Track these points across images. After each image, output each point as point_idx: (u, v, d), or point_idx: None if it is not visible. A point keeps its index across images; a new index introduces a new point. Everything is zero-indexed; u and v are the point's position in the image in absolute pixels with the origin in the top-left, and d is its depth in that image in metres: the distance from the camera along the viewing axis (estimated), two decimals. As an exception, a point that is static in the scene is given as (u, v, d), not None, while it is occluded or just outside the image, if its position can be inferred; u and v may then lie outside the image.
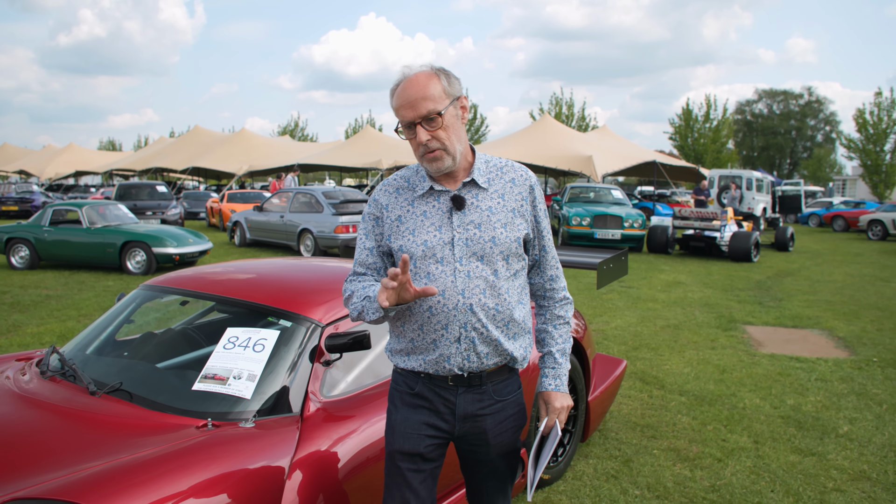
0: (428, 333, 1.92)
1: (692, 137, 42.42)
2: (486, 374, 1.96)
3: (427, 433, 1.96)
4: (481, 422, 1.97)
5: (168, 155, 36.74)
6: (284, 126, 56.24)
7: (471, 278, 1.88)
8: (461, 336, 1.89)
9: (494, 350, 1.93)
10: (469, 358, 1.91)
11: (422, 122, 1.84)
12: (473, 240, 1.89)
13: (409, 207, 1.96)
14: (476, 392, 1.96)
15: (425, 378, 1.97)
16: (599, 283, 3.90)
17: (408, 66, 1.88)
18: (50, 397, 2.52)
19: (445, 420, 1.97)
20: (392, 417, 2.02)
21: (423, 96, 1.82)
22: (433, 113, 1.82)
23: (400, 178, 2.03)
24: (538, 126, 28.33)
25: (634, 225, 15.24)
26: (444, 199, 1.93)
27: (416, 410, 1.98)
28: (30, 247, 11.46)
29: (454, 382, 1.95)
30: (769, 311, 8.68)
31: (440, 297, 1.88)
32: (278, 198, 15.32)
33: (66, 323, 7.37)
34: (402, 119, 1.86)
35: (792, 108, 66.51)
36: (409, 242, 1.92)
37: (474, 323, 1.89)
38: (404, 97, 1.84)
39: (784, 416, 4.72)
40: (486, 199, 1.94)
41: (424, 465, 1.98)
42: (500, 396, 2.00)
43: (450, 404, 1.96)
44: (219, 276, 3.29)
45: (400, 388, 2.02)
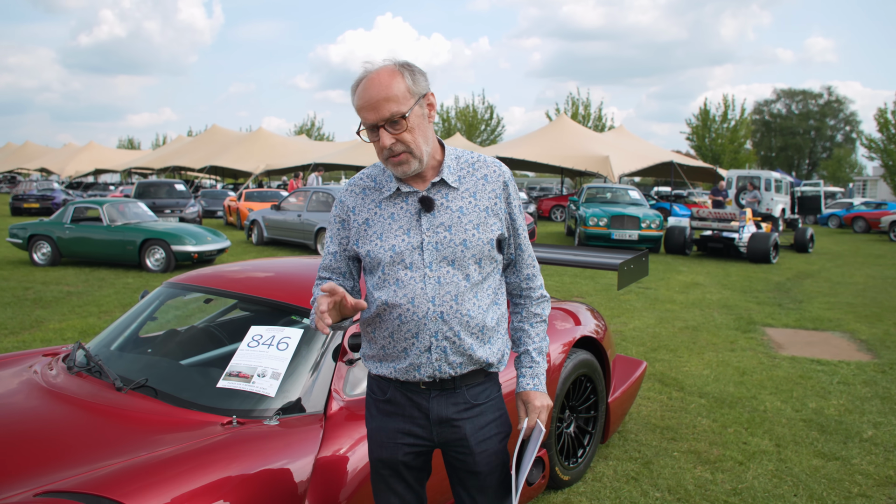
0: (398, 342, 1.83)
1: (709, 138, 42.12)
2: (460, 377, 1.86)
3: (404, 441, 1.88)
4: (459, 427, 1.87)
5: (186, 154, 37.07)
6: (301, 125, 56.52)
7: (441, 284, 1.79)
8: (432, 345, 1.80)
9: (468, 359, 1.84)
10: (440, 368, 1.82)
11: (385, 124, 1.71)
12: (444, 243, 1.80)
13: (377, 209, 1.86)
14: (449, 395, 1.86)
15: (397, 384, 1.88)
16: (620, 284, 3.88)
17: (369, 62, 1.75)
18: (77, 392, 2.55)
19: (421, 426, 1.88)
20: (369, 426, 1.95)
21: (385, 97, 1.69)
22: (397, 115, 1.70)
23: (366, 178, 1.92)
24: (555, 126, 28.26)
25: (652, 226, 15.16)
26: (412, 201, 1.83)
27: (391, 418, 1.89)
28: (51, 244, 11.60)
29: (426, 386, 1.86)
30: (789, 313, 8.60)
31: (410, 305, 1.79)
32: (295, 197, 15.39)
33: (87, 319, 7.45)
34: (364, 121, 1.73)
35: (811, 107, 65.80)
36: (376, 248, 1.82)
37: (446, 332, 1.80)
38: (366, 97, 1.71)
39: (806, 420, 4.67)
40: (457, 198, 1.83)
41: (407, 472, 1.92)
42: (477, 401, 1.89)
43: (423, 409, 1.87)
44: (241, 274, 3.31)
45: (375, 395, 1.94)
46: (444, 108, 48.46)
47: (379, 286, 1.83)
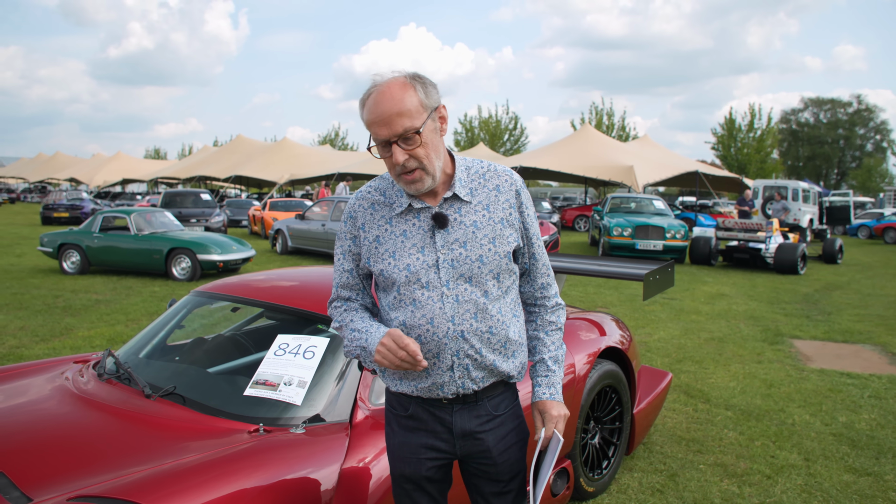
0: None
1: (735, 147, 41.70)
2: (482, 390, 1.85)
3: (427, 456, 1.86)
4: (482, 439, 1.85)
5: (211, 163, 37.54)
6: (325, 135, 57.01)
7: (460, 303, 1.75)
8: (454, 364, 1.77)
9: (490, 373, 1.83)
10: (464, 385, 1.80)
11: (398, 140, 1.65)
12: (459, 260, 1.75)
13: (387, 226, 1.80)
14: (472, 409, 1.85)
15: (418, 400, 1.86)
16: (646, 295, 3.85)
17: (378, 74, 1.70)
18: (107, 399, 2.60)
19: (444, 440, 1.86)
20: (390, 441, 1.92)
21: (398, 112, 1.63)
22: (410, 131, 1.64)
23: (375, 191, 1.86)
24: (578, 136, 28.18)
25: (677, 236, 15.03)
26: (424, 217, 1.78)
27: (414, 433, 1.87)
28: (81, 252, 11.81)
29: (448, 402, 1.84)
30: (817, 325, 8.46)
31: (429, 326, 1.75)
32: (320, 206, 15.51)
33: (115, 327, 7.56)
34: (376, 136, 1.67)
35: (840, 116, 64.86)
36: (390, 267, 1.78)
37: (467, 350, 1.77)
38: (377, 112, 1.64)
39: (836, 434, 4.59)
40: (471, 213, 1.78)
41: (430, 486, 1.89)
42: (498, 411, 1.88)
43: (446, 423, 1.85)
44: (268, 283, 3.35)
45: (395, 411, 1.91)
46: (467, 118, 48.60)
47: (395, 306, 1.80)
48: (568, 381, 3.20)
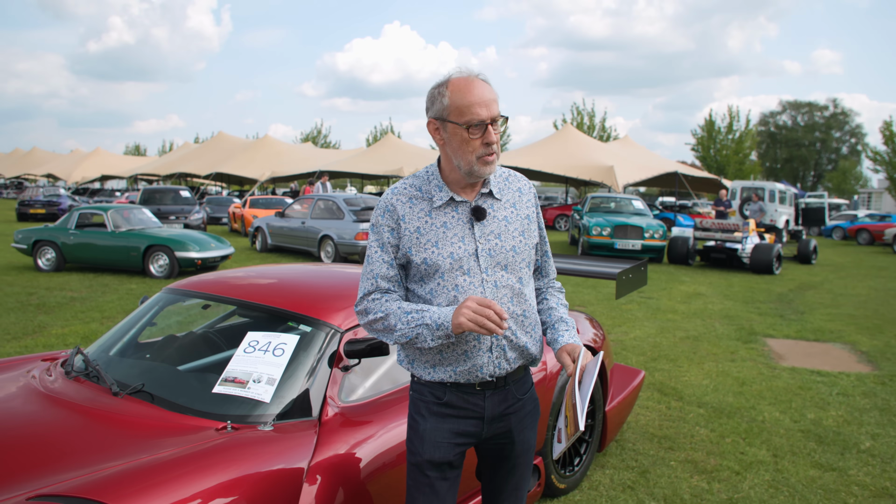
0: (459, 345, 1.93)
1: (714, 148, 42.09)
2: (510, 374, 2.02)
3: (457, 441, 1.99)
4: (507, 420, 2.03)
5: (192, 160, 37.20)
6: (307, 133, 56.71)
7: (498, 288, 1.93)
8: (493, 345, 1.94)
9: (520, 354, 2.01)
10: (500, 365, 1.96)
11: (492, 122, 1.86)
12: (496, 250, 1.94)
13: (427, 218, 1.94)
14: (501, 393, 2.01)
15: (452, 387, 1.98)
16: (618, 294, 3.89)
17: (464, 69, 1.90)
18: (74, 397, 2.58)
19: (474, 425, 2.00)
20: (420, 427, 2.00)
21: (494, 99, 1.88)
22: (501, 117, 1.89)
23: (410, 187, 2.00)
24: (560, 136, 28.31)
25: (655, 236, 15.16)
26: (462, 210, 1.95)
27: (446, 419, 1.99)
28: (56, 249, 11.66)
29: (481, 387, 1.98)
30: (790, 324, 8.58)
31: None
32: (300, 204, 15.44)
33: (90, 325, 7.49)
34: (475, 116, 1.84)
35: (817, 119, 65.78)
36: (433, 255, 1.91)
37: (505, 332, 1.89)
38: (479, 95, 1.84)
39: (804, 430, 4.67)
40: (501, 209, 1.99)
41: (451, 472, 2.01)
42: (521, 394, 2.06)
43: (479, 408, 1.99)
44: (240, 280, 3.34)
45: (426, 399, 2.01)
46: (449, 117, 48.47)
47: (437, 293, 1.93)
48: (539, 378, 3.22)
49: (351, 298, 2.94)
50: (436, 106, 1.90)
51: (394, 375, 2.87)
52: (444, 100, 1.87)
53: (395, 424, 2.59)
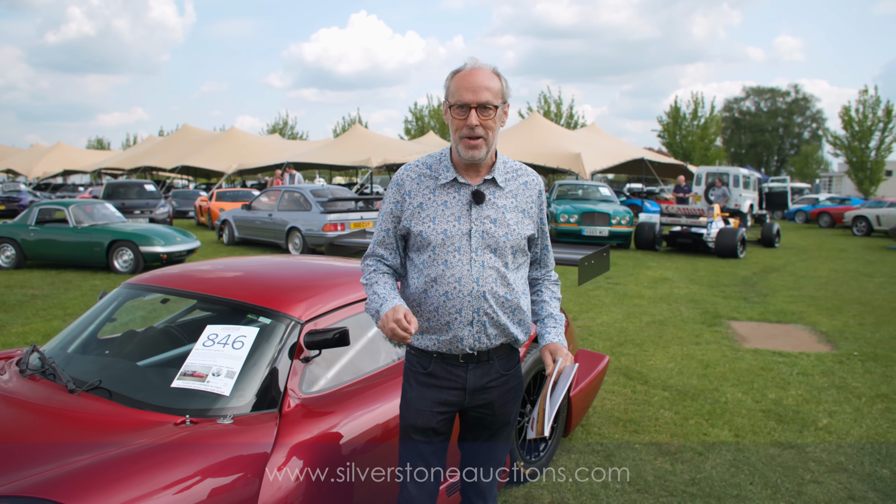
0: (443, 316, 2.09)
1: (680, 135, 42.57)
2: (493, 349, 2.16)
3: (439, 409, 2.15)
4: (488, 393, 2.18)
5: (157, 154, 36.54)
6: (273, 124, 56.02)
7: (485, 268, 2.07)
8: (474, 320, 2.08)
9: (501, 332, 2.14)
10: (479, 339, 2.11)
11: (477, 107, 1.99)
12: (489, 233, 2.08)
13: (431, 195, 2.11)
14: (484, 367, 2.16)
15: (438, 357, 2.14)
16: (581, 280, 3.93)
17: (473, 59, 2.06)
18: (28, 396, 2.53)
19: (455, 395, 2.16)
20: (407, 395, 2.20)
21: (486, 86, 1.99)
22: (490, 104, 2.00)
23: (422, 165, 2.17)
24: (527, 124, 28.38)
25: (622, 222, 15.31)
26: (464, 192, 2.10)
27: (429, 389, 2.16)
28: (16, 246, 11.39)
29: (464, 360, 2.14)
30: (754, 307, 8.75)
31: (456, 283, 2.06)
32: (267, 196, 15.28)
33: (52, 322, 7.34)
34: (459, 100, 2.00)
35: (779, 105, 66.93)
36: (428, 229, 2.08)
37: (486, 308, 2.08)
38: (469, 80, 1.99)
39: (765, 410, 4.77)
40: (502, 197, 2.12)
41: (436, 438, 2.18)
42: (506, 370, 2.21)
43: (461, 380, 2.15)
44: (200, 274, 3.30)
45: (414, 368, 2.20)
46: (417, 107, 48.42)
47: (429, 264, 2.10)
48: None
49: (312, 289, 2.94)
50: (446, 90, 2.09)
51: (356, 366, 2.87)
52: (447, 85, 2.07)
53: (358, 414, 2.59)
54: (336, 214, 13.40)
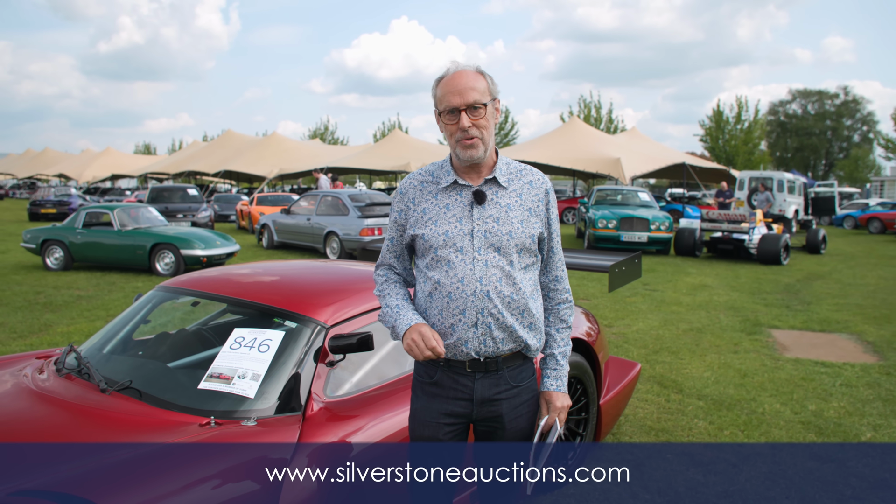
0: (447, 318, 2.03)
1: (723, 139, 41.80)
2: (502, 359, 2.07)
3: (445, 421, 2.08)
4: (497, 406, 2.09)
5: (201, 158, 37.38)
6: (315, 129, 56.74)
7: (488, 267, 2.01)
8: (478, 321, 2.01)
9: (509, 336, 2.05)
10: (485, 342, 2.03)
11: (466, 109, 1.97)
12: (492, 232, 2.03)
13: (433, 200, 2.09)
14: (493, 377, 2.07)
15: (444, 366, 2.08)
16: (611, 286, 3.88)
17: (454, 62, 2.05)
18: (63, 394, 2.60)
19: (463, 406, 2.08)
20: (413, 406, 2.15)
21: (471, 87, 1.98)
22: (478, 103, 1.98)
23: (425, 173, 2.17)
24: (566, 129, 28.21)
25: (661, 227, 15.08)
26: (465, 194, 2.07)
27: (435, 399, 2.09)
28: (64, 248, 11.75)
29: (472, 368, 2.06)
30: (796, 315, 8.52)
31: (459, 284, 2.01)
32: (306, 200, 15.48)
33: (95, 323, 7.54)
34: (448, 104, 1.99)
35: (827, 108, 65.06)
36: (430, 231, 2.06)
37: (490, 309, 2.01)
38: (453, 84, 1.99)
39: (804, 422, 4.64)
40: (505, 196, 2.07)
41: (444, 450, 2.09)
42: (516, 382, 2.11)
43: (468, 390, 2.07)
44: (232, 277, 3.36)
45: (421, 378, 2.14)
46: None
47: (432, 266, 2.07)
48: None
49: (339, 293, 2.96)
50: (433, 100, 2.08)
51: (381, 371, 2.88)
52: (434, 93, 2.05)
53: (382, 419, 2.60)
54: (373, 219, 13.50)
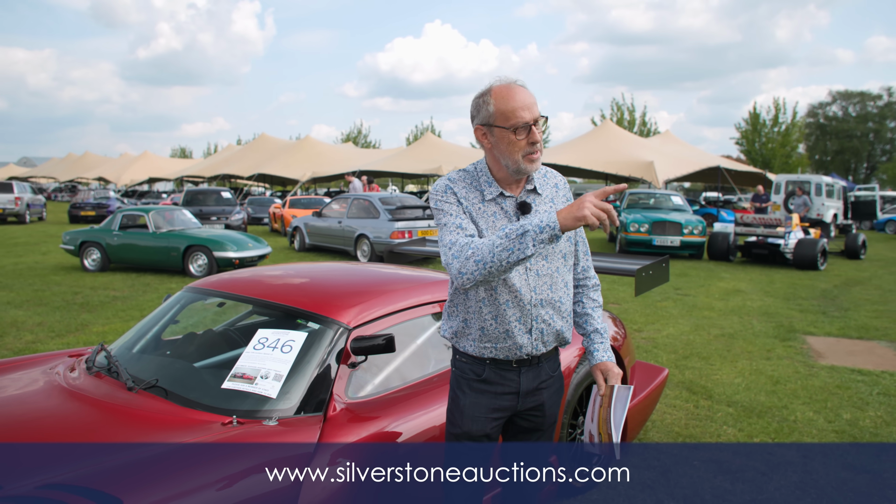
0: (501, 324, 2.11)
1: (759, 142, 41.07)
2: (544, 354, 2.20)
3: (493, 416, 2.18)
4: (539, 395, 2.23)
5: (235, 162, 37.96)
6: (348, 133, 57.24)
7: (539, 276, 2.10)
8: (532, 328, 2.12)
9: (556, 337, 2.20)
10: (537, 347, 2.16)
11: (534, 123, 2.03)
12: None
13: (480, 206, 2.12)
14: (535, 370, 2.20)
15: (491, 363, 2.17)
16: (638, 290, 3.83)
17: (504, 76, 2.08)
18: (91, 392, 2.66)
19: (509, 399, 2.19)
20: (461, 402, 2.20)
21: (535, 103, 2.05)
22: (541, 116, 2.06)
23: (467, 175, 2.18)
24: (599, 132, 28.01)
25: (694, 231, 14.87)
26: (509, 204, 2.12)
27: (484, 395, 2.18)
28: (101, 250, 12.03)
29: (517, 364, 2.17)
30: (833, 322, 8.33)
31: (517, 293, 2.08)
32: (337, 203, 15.60)
33: (129, 323, 7.70)
34: (519, 119, 2.01)
35: (870, 109, 63.43)
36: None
37: (544, 316, 2.13)
38: (521, 99, 2.02)
39: (838, 431, 4.53)
40: (542, 203, 2.15)
41: (488, 444, 2.21)
42: (553, 371, 2.26)
43: (514, 384, 2.18)
44: (258, 279, 3.40)
45: (467, 376, 2.21)
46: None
47: None
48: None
49: (362, 295, 2.98)
50: (482, 113, 2.07)
51: (403, 372, 2.89)
52: (490, 107, 2.04)
53: (403, 420, 2.60)
54: (404, 222, 13.54)
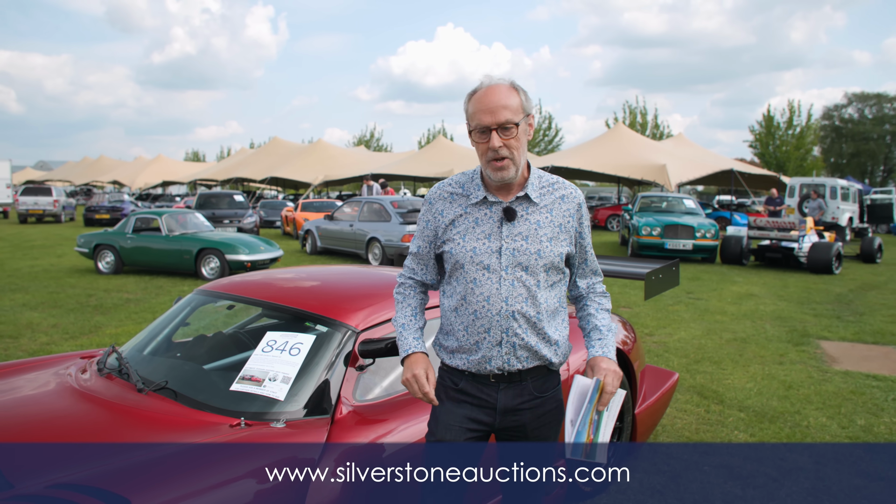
0: (472, 335, 2.05)
1: (773, 145, 40.76)
2: (526, 371, 2.08)
3: (469, 426, 2.09)
4: (520, 415, 2.09)
5: (248, 165, 38.12)
6: (360, 136, 57.37)
7: (514, 287, 2.00)
8: (502, 340, 2.02)
9: (533, 354, 2.06)
10: (509, 361, 2.04)
11: (497, 128, 1.93)
12: (520, 251, 2.01)
13: (463, 213, 2.06)
14: (516, 388, 2.08)
15: (469, 376, 2.09)
16: (648, 294, 3.82)
17: (488, 76, 1.99)
18: (102, 393, 2.68)
19: (487, 413, 2.09)
20: (436, 409, 2.14)
21: (503, 105, 1.93)
22: (510, 123, 1.93)
23: (455, 184, 2.13)
24: (611, 135, 27.89)
25: (707, 235, 14.78)
26: (496, 210, 2.04)
27: (460, 405, 2.10)
28: (114, 252, 12.13)
29: (496, 380, 2.07)
30: (848, 326, 8.25)
31: (485, 303, 2.00)
32: (349, 206, 15.65)
33: (142, 325, 7.76)
34: (479, 123, 1.95)
35: (887, 111, 62.74)
36: (458, 247, 2.04)
37: (515, 329, 2.01)
38: (485, 102, 1.94)
39: (852, 437, 4.48)
40: (536, 213, 2.05)
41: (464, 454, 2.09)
42: (540, 392, 2.11)
43: (492, 399, 2.08)
44: (267, 282, 3.42)
45: (446, 384, 2.14)
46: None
47: (458, 281, 2.07)
48: (563, 378, 3.19)
49: (370, 298, 2.98)
50: (465, 115, 2.04)
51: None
52: (466, 108, 2.01)
53: (410, 423, 2.60)
54: (415, 225, 13.55)
